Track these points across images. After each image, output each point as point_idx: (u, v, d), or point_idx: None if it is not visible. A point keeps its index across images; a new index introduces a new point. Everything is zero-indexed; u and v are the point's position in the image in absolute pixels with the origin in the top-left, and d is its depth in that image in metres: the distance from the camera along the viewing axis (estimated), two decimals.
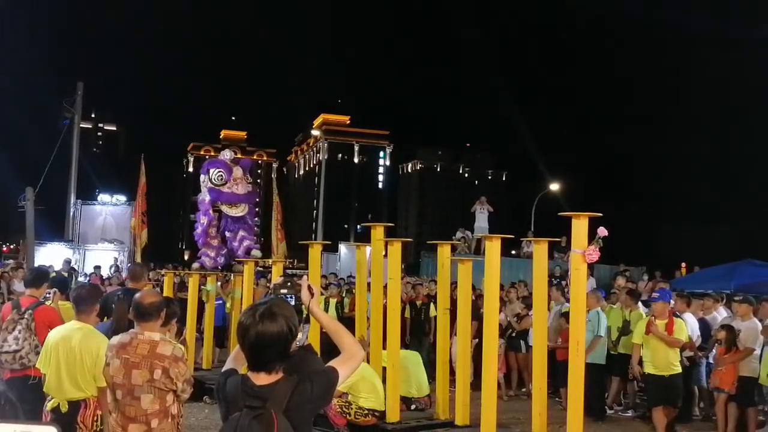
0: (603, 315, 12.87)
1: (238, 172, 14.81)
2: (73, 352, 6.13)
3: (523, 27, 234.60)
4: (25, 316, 7.66)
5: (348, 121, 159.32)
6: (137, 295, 5.51)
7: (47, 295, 8.37)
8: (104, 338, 6.04)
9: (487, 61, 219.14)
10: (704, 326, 13.00)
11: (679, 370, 10.78)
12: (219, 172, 14.59)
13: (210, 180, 14.63)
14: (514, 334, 14.72)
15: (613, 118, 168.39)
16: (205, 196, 14.74)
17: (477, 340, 12.25)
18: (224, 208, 14.55)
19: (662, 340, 10.65)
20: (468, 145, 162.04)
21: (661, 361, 10.69)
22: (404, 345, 14.15)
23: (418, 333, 16.29)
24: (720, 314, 13.51)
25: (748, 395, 11.16)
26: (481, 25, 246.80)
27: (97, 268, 25.07)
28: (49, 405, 6.21)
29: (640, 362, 11.19)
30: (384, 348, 10.64)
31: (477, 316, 11.99)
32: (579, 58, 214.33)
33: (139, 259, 23.92)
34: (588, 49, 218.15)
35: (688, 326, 12.12)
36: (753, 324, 11.43)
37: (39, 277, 8.52)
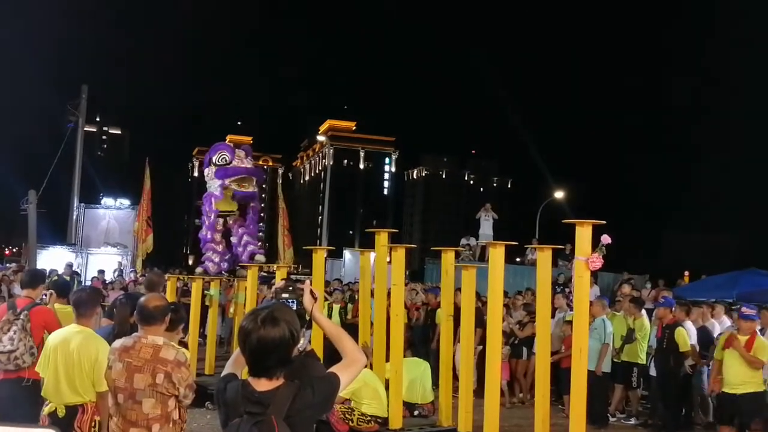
0: (609, 323, 12.84)
1: (241, 153, 14.82)
2: (72, 356, 6.10)
3: (529, 34, 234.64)
4: (21, 317, 7.65)
5: (354, 127, 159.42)
6: (142, 299, 5.47)
7: (43, 297, 8.36)
8: (104, 342, 6.03)
9: (493, 68, 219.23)
10: (705, 334, 12.98)
11: (753, 389, 10.03)
12: (222, 154, 14.57)
13: (214, 163, 14.59)
14: (516, 342, 14.68)
15: (617, 126, 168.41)
16: (212, 187, 14.65)
17: (480, 347, 12.23)
18: (234, 186, 14.42)
19: (743, 357, 9.99)
20: (473, 152, 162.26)
21: (734, 378, 10.07)
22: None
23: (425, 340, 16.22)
24: (724, 323, 13.48)
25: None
26: (487, 32, 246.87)
27: (101, 272, 25.05)
28: (46, 409, 6.18)
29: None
30: (387, 360, 10.61)
31: (480, 323, 11.97)
32: (585, 66, 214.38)
33: (140, 265, 23.93)
34: (593, 56, 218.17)
35: (688, 334, 12.13)
36: None
37: (35, 278, 8.50)
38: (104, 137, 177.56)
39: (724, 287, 18.75)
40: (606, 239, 8.23)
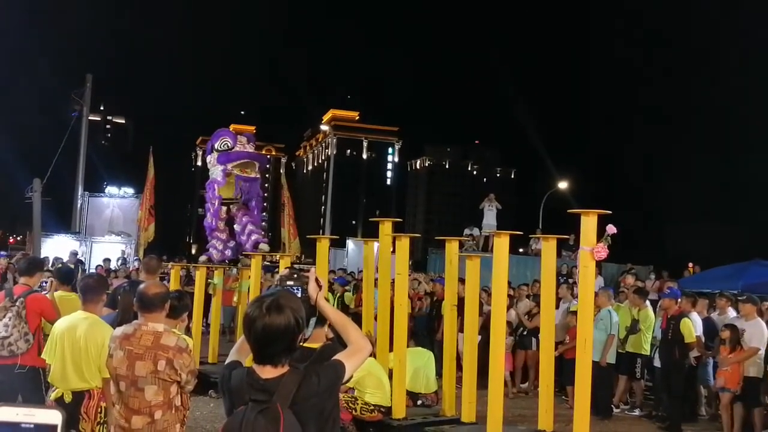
0: (615, 313, 12.82)
1: (243, 139, 14.81)
2: (79, 342, 6.12)
3: (532, 23, 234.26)
4: (17, 303, 7.68)
5: (357, 117, 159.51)
6: (141, 286, 5.46)
7: (43, 284, 8.37)
8: (110, 329, 6.02)
9: (496, 57, 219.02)
10: (711, 326, 12.95)
11: None
12: (224, 140, 14.56)
13: (216, 149, 14.57)
14: (525, 332, 14.65)
15: (622, 116, 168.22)
16: (215, 173, 14.64)
17: (480, 336, 12.18)
18: (236, 172, 14.39)
19: None
20: (477, 142, 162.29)
21: None
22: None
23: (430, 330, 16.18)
24: (731, 314, 13.43)
25: (753, 395, 11.09)
26: (491, 22, 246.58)
27: (107, 260, 25.06)
28: (53, 395, 6.22)
29: None
30: (391, 349, 10.60)
31: (480, 312, 11.96)
32: (589, 57, 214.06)
33: (142, 253, 23.97)
34: (596, 45, 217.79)
35: (694, 325, 12.09)
36: (757, 324, 11.36)
37: (33, 266, 8.52)
38: (108, 126, 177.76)
39: (730, 279, 18.68)
40: (611, 229, 8.18)
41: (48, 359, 6.32)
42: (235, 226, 14.82)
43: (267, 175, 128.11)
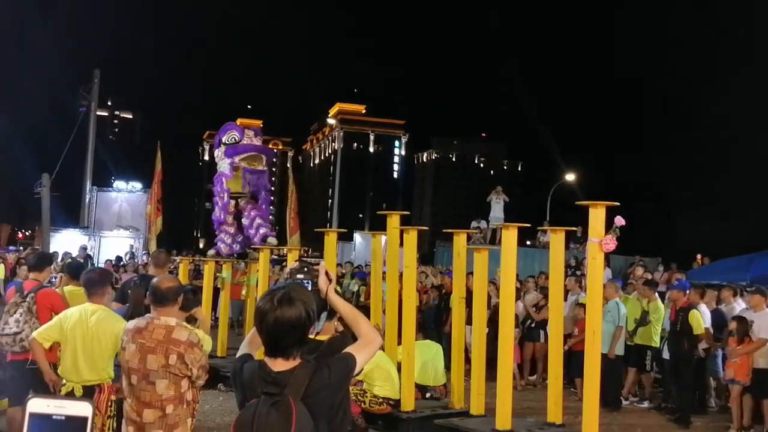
0: (622, 305, 12.80)
1: (250, 132, 14.80)
2: (90, 333, 6.12)
3: (539, 14, 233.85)
4: (27, 299, 7.71)
5: (363, 111, 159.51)
6: (154, 279, 5.48)
7: (53, 279, 8.39)
8: (122, 320, 6.04)
9: (503, 50, 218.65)
10: (720, 317, 12.93)
11: None
12: (231, 134, 14.55)
13: (224, 143, 14.58)
14: (533, 325, 14.64)
15: (630, 108, 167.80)
16: (222, 167, 14.64)
17: (487, 329, 12.18)
18: (244, 164, 14.38)
19: None
20: (484, 135, 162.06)
21: None
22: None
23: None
24: (739, 306, 13.41)
25: (763, 387, 11.07)
26: (497, 13, 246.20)
27: (118, 258, 25.15)
28: (63, 390, 6.21)
29: None
30: (399, 342, 10.61)
31: (488, 305, 11.96)
32: (596, 47, 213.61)
33: (153, 247, 24.07)
34: (604, 36, 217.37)
35: (702, 317, 12.08)
36: (766, 315, 11.32)
37: (42, 261, 8.54)
38: (116, 121, 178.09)
39: (738, 270, 18.67)
40: (620, 221, 8.19)
41: (39, 337, 6.31)
42: (243, 219, 14.82)
43: (274, 169, 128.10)
